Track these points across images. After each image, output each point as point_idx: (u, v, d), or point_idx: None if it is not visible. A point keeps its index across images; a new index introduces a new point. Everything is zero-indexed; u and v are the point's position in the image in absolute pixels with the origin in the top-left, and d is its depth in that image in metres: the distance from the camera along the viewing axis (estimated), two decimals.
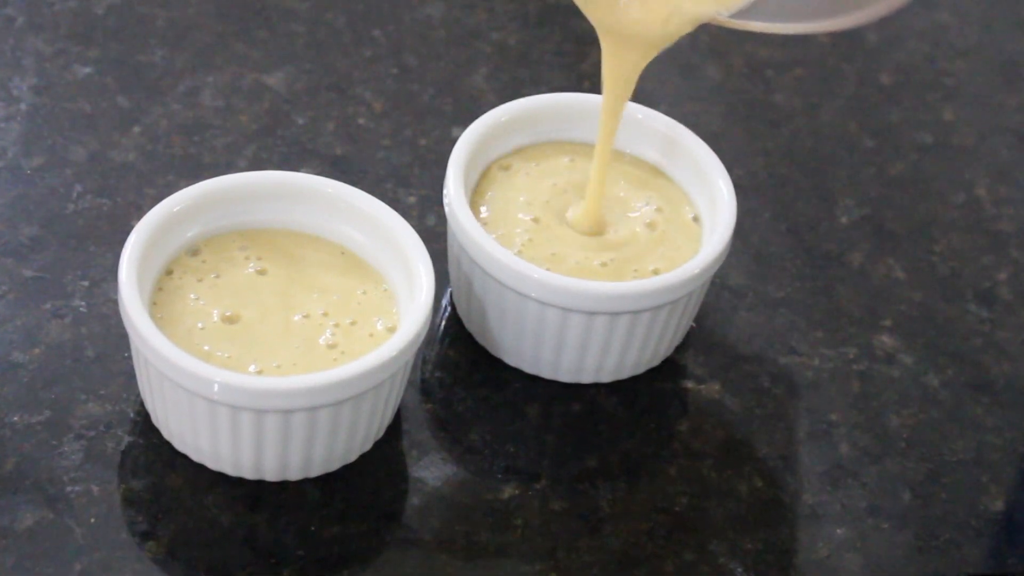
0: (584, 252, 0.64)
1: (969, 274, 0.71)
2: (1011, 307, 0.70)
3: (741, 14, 0.60)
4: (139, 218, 0.61)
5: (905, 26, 0.82)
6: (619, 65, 0.62)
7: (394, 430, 0.63)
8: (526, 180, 0.66)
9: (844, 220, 0.73)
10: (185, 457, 0.61)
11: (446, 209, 0.64)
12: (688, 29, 0.60)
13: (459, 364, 0.65)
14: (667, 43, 0.61)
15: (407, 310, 0.60)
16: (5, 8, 0.75)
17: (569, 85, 0.75)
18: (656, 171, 0.67)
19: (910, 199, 0.74)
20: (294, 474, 0.60)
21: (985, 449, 0.65)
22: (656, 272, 0.64)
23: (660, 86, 0.77)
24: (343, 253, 0.63)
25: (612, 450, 0.63)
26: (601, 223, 0.65)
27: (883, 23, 0.81)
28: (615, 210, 0.66)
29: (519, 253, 0.63)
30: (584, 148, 0.67)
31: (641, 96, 0.72)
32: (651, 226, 0.65)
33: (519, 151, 0.67)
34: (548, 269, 0.63)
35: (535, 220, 0.65)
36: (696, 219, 0.66)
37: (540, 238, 0.64)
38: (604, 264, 0.64)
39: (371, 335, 0.60)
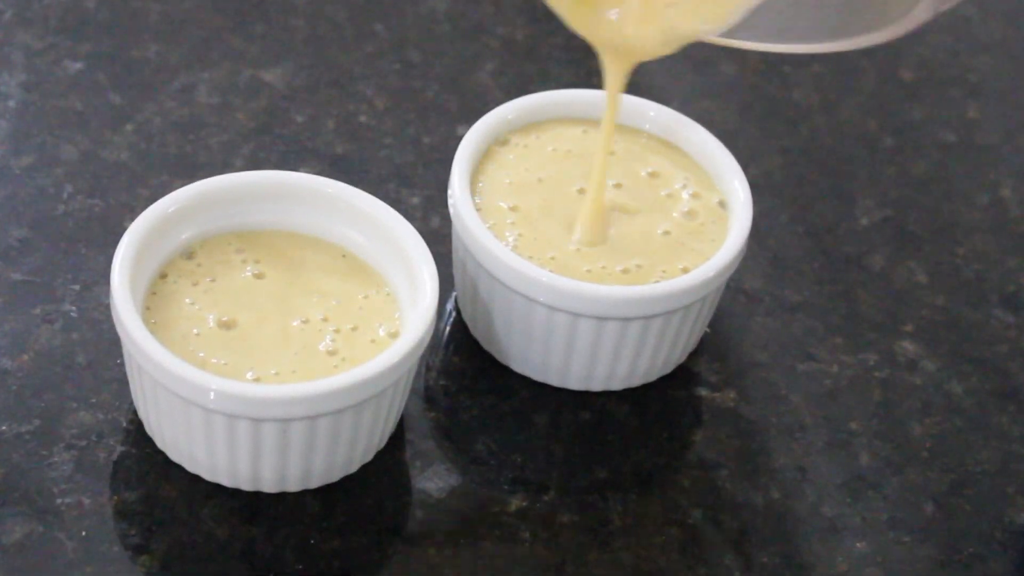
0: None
1: (994, 278, 0.71)
2: None
3: (735, 32, 0.60)
4: (132, 219, 0.61)
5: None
6: (615, 71, 0.63)
7: (397, 440, 0.63)
8: (524, 152, 0.66)
9: (864, 222, 0.73)
10: (180, 468, 0.61)
11: (450, 210, 0.64)
12: (685, 44, 0.60)
13: (464, 371, 0.65)
14: (664, 54, 0.61)
15: (410, 315, 0.60)
16: None
17: (578, 81, 0.76)
18: (682, 157, 0.67)
19: (933, 200, 0.74)
20: (293, 485, 0.60)
21: (1011, 459, 0.65)
22: (685, 270, 0.63)
23: (673, 82, 0.77)
24: (344, 256, 0.63)
25: (623, 460, 0.63)
26: (603, 233, 0.64)
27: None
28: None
29: (514, 249, 0.63)
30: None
31: (653, 92, 0.73)
32: (691, 214, 0.65)
33: (521, 128, 0.67)
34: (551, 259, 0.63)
35: (512, 208, 0.64)
36: (723, 204, 0.66)
37: (528, 233, 0.64)
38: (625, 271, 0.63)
39: (373, 341, 0.60)
